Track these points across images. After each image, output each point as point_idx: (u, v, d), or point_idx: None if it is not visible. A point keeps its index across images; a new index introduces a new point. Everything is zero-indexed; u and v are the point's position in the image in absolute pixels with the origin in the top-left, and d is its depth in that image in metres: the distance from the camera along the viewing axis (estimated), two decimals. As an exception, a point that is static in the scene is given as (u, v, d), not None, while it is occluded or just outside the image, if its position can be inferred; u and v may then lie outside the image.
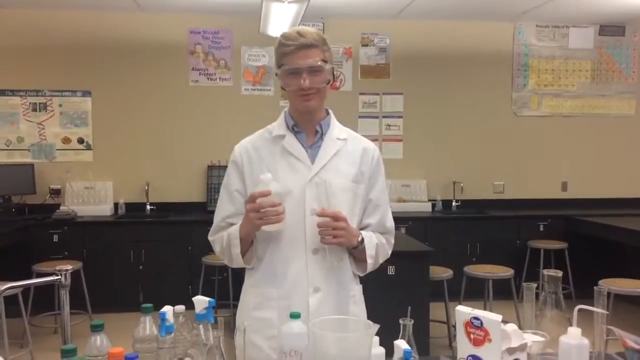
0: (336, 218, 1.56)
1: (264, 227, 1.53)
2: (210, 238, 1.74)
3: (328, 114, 1.74)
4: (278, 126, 1.71)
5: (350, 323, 1.38)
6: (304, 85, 1.56)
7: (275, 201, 1.51)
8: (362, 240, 1.66)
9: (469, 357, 1.25)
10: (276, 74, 1.66)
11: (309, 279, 1.63)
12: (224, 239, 1.65)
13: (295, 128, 1.69)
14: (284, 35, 1.60)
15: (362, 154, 1.72)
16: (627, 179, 5.81)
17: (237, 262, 1.66)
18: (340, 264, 1.67)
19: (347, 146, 1.71)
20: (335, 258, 1.64)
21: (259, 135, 1.74)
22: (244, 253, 1.63)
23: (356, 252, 1.68)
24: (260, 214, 1.50)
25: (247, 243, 1.64)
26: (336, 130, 1.73)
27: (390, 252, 1.79)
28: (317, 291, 1.63)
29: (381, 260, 1.75)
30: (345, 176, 1.68)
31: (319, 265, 1.63)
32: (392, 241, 1.80)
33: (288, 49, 1.57)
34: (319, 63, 1.57)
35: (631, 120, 5.84)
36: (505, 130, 5.85)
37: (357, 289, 1.74)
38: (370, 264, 1.69)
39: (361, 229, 1.73)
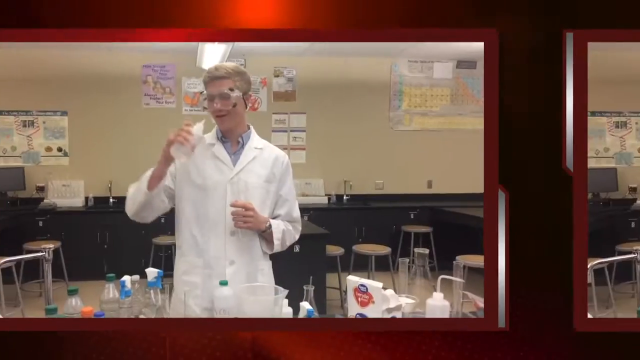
0: (246, 208, 1.73)
1: (172, 151, 1.63)
2: (129, 187, 1.82)
3: (249, 128, 1.89)
4: (210, 136, 1.86)
5: (266, 289, 1.60)
6: (215, 108, 1.74)
7: (192, 135, 1.62)
8: (270, 226, 1.81)
9: (357, 315, 1.39)
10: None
11: (226, 254, 1.78)
12: (139, 180, 1.78)
13: (223, 138, 1.85)
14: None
15: (274, 160, 1.88)
16: (477, 177, 5.29)
17: (140, 194, 1.72)
18: (251, 244, 1.82)
19: (263, 154, 1.87)
20: (247, 239, 1.80)
21: None
22: (152, 188, 1.72)
23: (265, 235, 1.83)
24: (176, 133, 1.63)
25: (158, 177, 1.73)
26: (255, 141, 1.88)
27: (297, 237, 1.94)
28: (232, 264, 1.78)
29: (288, 243, 1.89)
30: (259, 177, 1.84)
31: (235, 244, 1.79)
32: (299, 228, 1.95)
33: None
34: (226, 91, 1.71)
35: (481, 134, 5.75)
36: (385, 141, 6.33)
37: (266, 264, 1.89)
38: (277, 245, 1.84)
39: (274, 218, 1.87)
